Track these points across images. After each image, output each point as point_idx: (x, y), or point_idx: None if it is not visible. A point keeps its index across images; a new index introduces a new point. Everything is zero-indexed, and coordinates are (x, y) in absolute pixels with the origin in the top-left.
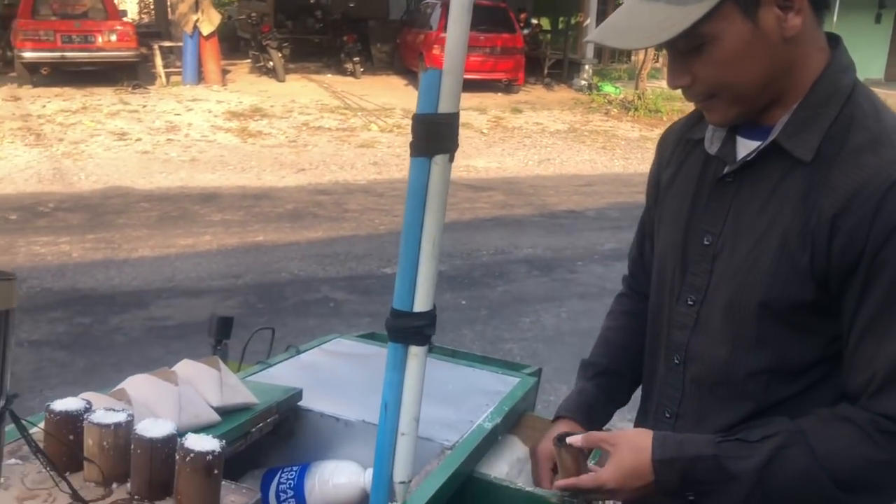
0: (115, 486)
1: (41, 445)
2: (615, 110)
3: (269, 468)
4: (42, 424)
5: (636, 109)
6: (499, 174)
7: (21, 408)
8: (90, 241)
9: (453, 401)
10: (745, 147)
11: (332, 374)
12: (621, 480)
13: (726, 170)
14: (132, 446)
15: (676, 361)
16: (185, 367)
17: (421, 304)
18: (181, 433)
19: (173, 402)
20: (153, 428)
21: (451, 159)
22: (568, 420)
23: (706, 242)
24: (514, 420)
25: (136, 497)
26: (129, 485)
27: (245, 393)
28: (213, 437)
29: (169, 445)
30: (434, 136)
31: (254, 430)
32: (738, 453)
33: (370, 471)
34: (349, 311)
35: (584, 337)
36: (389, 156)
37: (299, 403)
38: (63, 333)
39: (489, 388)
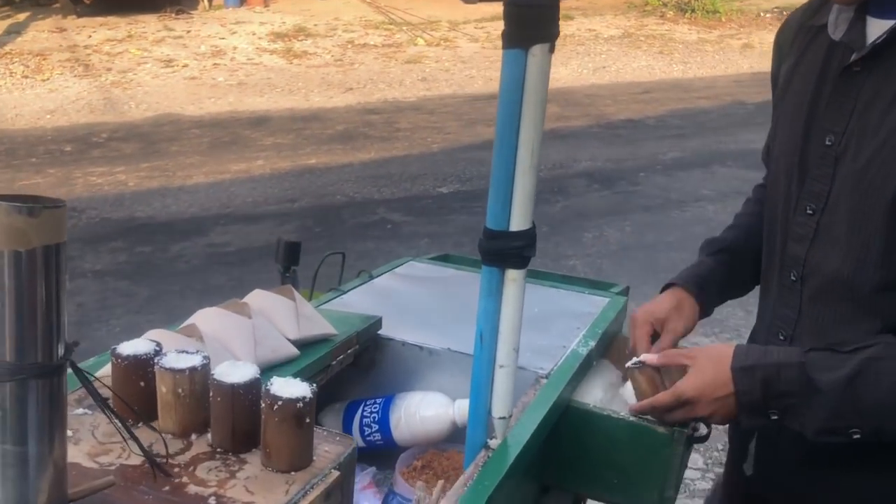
0: (194, 436)
1: (109, 395)
2: (671, 13)
3: (350, 400)
4: (109, 370)
5: (693, 11)
6: (552, 85)
7: (89, 338)
8: (145, 169)
9: (542, 325)
10: (877, 28)
11: (409, 300)
12: (700, 389)
13: (853, 57)
14: (210, 393)
15: (793, 278)
16: (258, 298)
17: (519, 222)
18: (264, 375)
19: (248, 336)
20: (233, 372)
21: (552, 49)
22: (677, 289)
23: (828, 143)
24: (607, 343)
25: (218, 449)
26: (209, 435)
27: (323, 323)
28: (301, 379)
29: (252, 391)
30: (531, 22)
31: (334, 362)
32: (827, 363)
33: (459, 402)
34: (407, 233)
35: (650, 251)
36: (438, 70)
37: (379, 332)
38: (125, 263)
39: (578, 310)
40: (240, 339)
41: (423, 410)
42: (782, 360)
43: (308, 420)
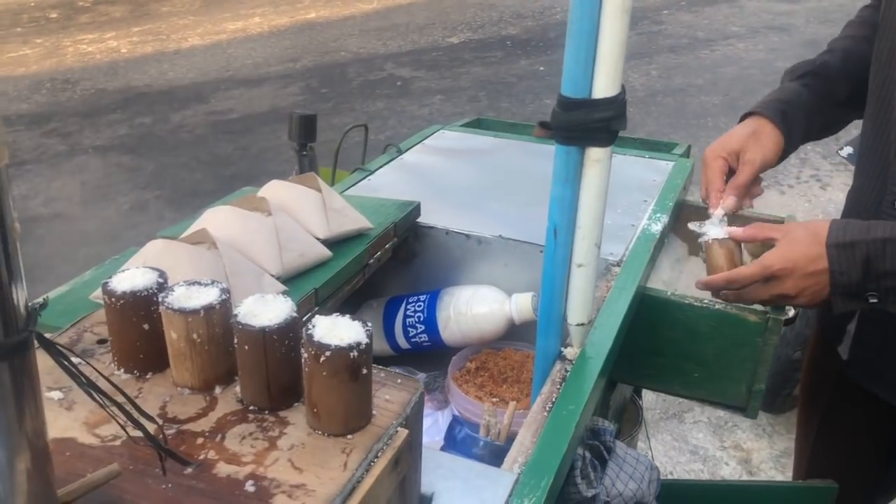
0: (218, 390)
1: (105, 338)
2: None
3: (390, 297)
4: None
5: None
6: None
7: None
8: (137, 34)
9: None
10: None
11: (446, 178)
12: (791, 261)
13: None
14: (235, 340)
15: None
16: (278, 190)
17: (605, 87)
18: (294, 286)
19: (270, 239)
20: (262, 309)
21: None
22: (756, 117)
23: None
24: (677, 215)
25: (251, 407)
26: (237, 388)
27: (356, 216)
28: (353, 318)
29: (290, 336)
30: None
31: (372, 261)
32: None
33: (516, 296)
34: (419, 90)
35: (678, 95)
36: None
37: (419, 220)
38: (126, 136)
39: (642, 179)
40: (260, 242)
41: (476, 307)
42: (889, 234)
43: (365, 371)
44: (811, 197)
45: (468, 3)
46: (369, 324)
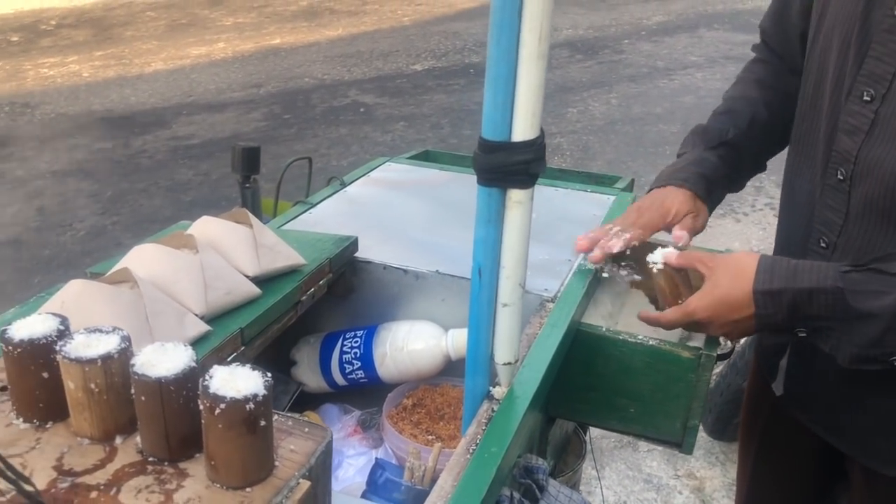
0: (119, 440)
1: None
2: None
3: (327, 333)
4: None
5: None
6: None
7: (52, 245)
8: (99, 58)
9: (543, 234)
10: None
11: (388, 211)
12: (714, 309)
13: None
14: (132, 391)
15: (840, 177)
16: (207, 226)
17: (524, 130)
18: (217, 325)
19: (195, 277)
20: (159, 359)
21: None
22: (684, 189)
23: None
24: None
25: (150, 458)
26: (138, 438)
27: (288, 252)
28: (252, 366)
29: (188, 386)
30: None
31: (305, 297)
32: (871, 286)
33: (452, 332)
34: (382, 116)
35: (638, 124)
36: None
37: (356, 255)
38: (85, 161)
39: (581, 213)
40: (185, 281)
41: (412, 344)
42: (815, 284)
43: (263, 423)
44: (766, 225)
45: (432, 31)
46: (269, 374)
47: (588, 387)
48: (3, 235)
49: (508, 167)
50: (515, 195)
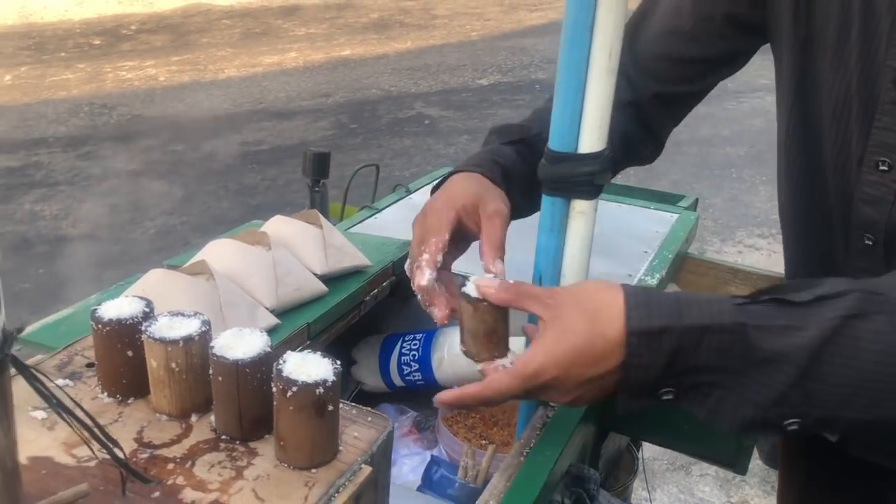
0: (194, 418)
1: (92, 362)
2: None
3: (387, 334)
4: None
5: None
6: None
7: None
8: (175, 63)
9: (605, 248)
10: None
11: None
12: (564, 366)
13: None
14: (210, 371)
15: (869, 242)
16: (279, 226)
17: (591, 142)
18: (286, 320)
19: (267, 273)
20: (237, 343)
21: None
22: (476, 175)
23: None
24: (678, 267)
25: (223, 437)
26: (212, 417)
27: (354, 254)
28: (322, 354)
29: (262, 369)
30: None
31: (368, 298)
32: (780, 321)
33: (512, 339)
34: (445, 129)
35: (705, 145)
36: None
37: None
38: (158, 162)
39: (643, 230)
40: (258, 275)
41: None
42: (708, 320)
43: (331, 407)
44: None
45: (500, 46)
46: (338, 362)
47: None
48: (76, 231)
49: (574, 178)
50: (579, 205)
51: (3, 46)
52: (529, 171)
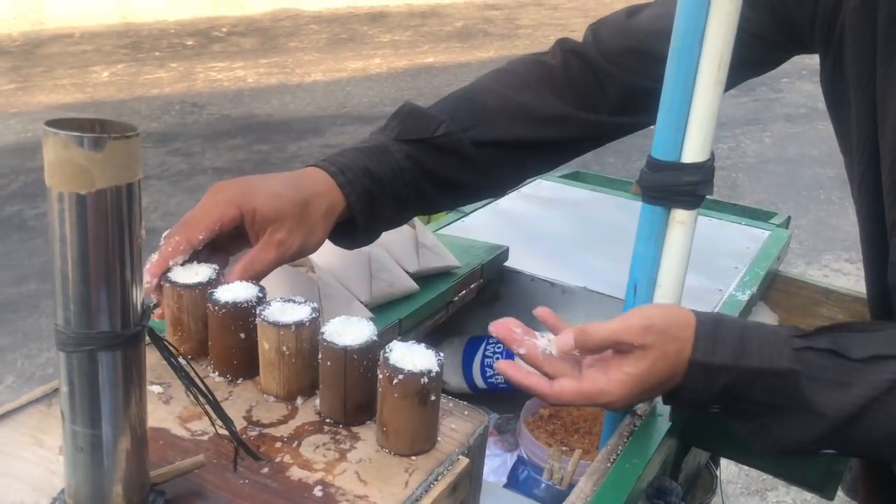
0: (300, 400)
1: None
2: None
3: (471, 336)
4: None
5: None
6: None
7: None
8: (264, 65)
9: (695, 262)
10: None
11: (538, 225)
12: (628, 396)
13: None
14: (320, 355)
15: None
16: None
17: (695, 152)
18: (379, 315)
19: (363, 269)
20: (346, 330)
21: None
22: (325, 180)
23: None
24: (768, 284)
25: (327, 420)
26: (317, 401)
27: (445, 255)
28: (428, 346)
29: (368, 357)
30: None
31: (456, 298)
32: (830, 374)
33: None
34: None
35: (792, 165)
36: None
37: (506, 264)
38: (244, 161)
39: (735, 245)
40: (354, 270)
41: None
42: (766, 364)
43: (433, 397)
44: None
45: None
46: (442, 354)
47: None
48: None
49: (676, 187)
50: (679, 215)
51: (102, 45)
52: (413, 178)
